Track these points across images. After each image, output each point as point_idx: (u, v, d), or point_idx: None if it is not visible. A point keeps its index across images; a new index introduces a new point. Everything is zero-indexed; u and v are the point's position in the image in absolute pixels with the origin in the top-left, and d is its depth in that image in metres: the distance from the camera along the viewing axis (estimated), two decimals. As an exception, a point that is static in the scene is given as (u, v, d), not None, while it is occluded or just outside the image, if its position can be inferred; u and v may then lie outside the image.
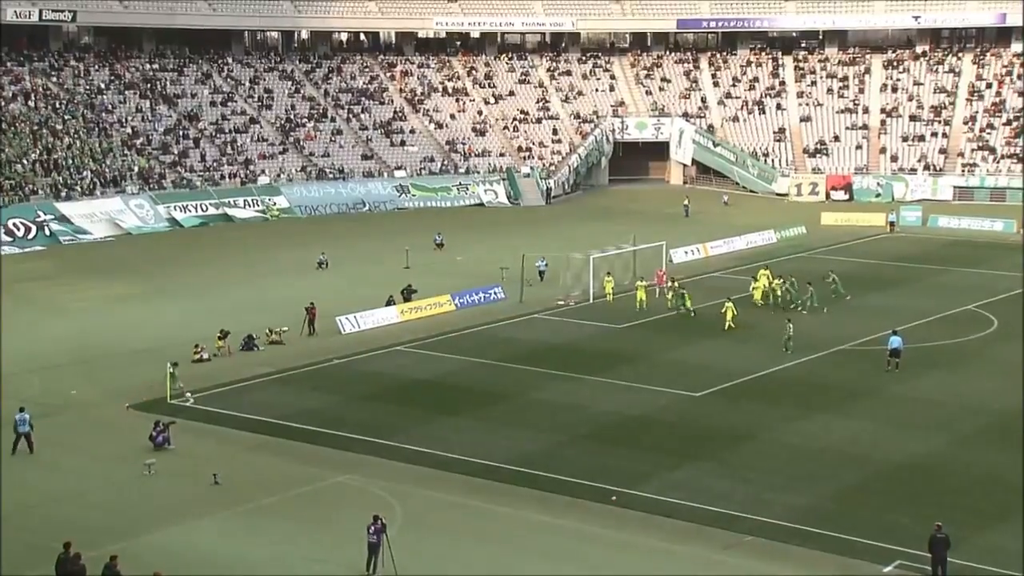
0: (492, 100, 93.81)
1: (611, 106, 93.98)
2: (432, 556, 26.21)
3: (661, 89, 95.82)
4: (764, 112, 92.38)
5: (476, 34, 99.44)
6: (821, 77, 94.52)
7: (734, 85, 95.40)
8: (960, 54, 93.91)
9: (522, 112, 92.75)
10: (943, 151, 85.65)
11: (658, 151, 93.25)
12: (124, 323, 47.63)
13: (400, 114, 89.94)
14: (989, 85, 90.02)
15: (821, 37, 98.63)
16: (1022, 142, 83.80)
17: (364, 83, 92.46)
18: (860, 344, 43.36)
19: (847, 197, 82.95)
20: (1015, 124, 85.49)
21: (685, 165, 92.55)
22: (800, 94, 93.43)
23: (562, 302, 50.57)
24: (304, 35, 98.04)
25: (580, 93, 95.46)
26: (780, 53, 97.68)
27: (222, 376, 39.16)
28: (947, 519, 25.92)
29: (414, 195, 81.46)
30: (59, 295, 52.74)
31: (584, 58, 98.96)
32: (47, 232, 66.63)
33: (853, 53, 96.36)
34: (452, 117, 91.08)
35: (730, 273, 55.94)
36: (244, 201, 75.74)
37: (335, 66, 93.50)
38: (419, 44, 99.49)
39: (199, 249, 64.84)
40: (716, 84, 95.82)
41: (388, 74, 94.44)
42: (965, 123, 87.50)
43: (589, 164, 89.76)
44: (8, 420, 32.91)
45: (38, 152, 73.29)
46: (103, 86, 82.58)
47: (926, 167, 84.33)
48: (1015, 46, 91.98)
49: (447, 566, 25.82)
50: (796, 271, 53.23)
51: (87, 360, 41.78)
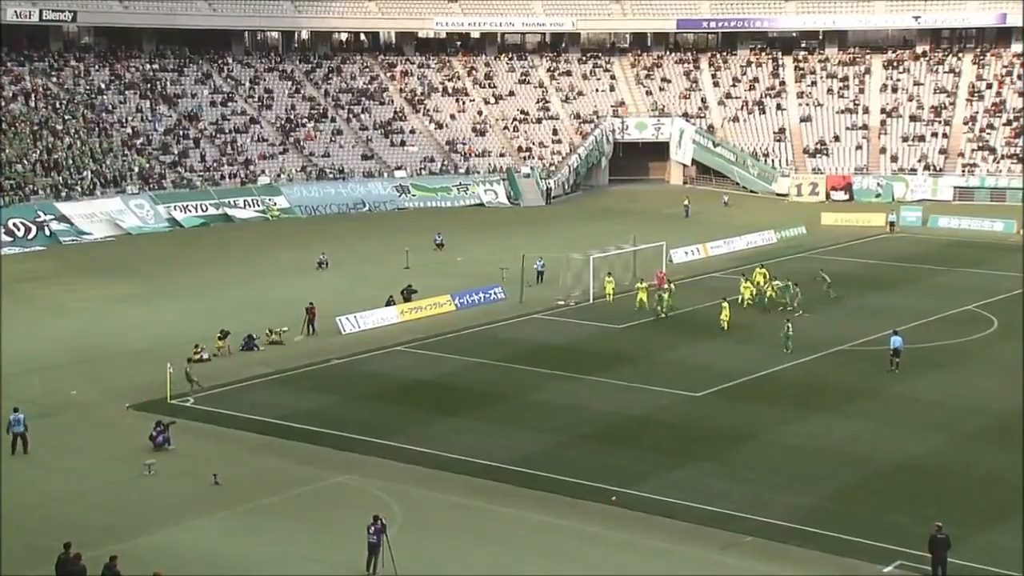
0: (492, 100, 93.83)
1: (611, 106, 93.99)
2: (432, 556, 26.24)
3: (661, 89, 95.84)
4: (764, 112, 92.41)
5: (476, 34, 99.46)
6: (821, 77, 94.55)
7: (734, 85, 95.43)
8: (960, 54, 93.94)
9: (522, 112, 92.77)
10: (943, 151, 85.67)
11: (658, 151, 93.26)
12: (124, 323, 47.66)
13: (400, 114, 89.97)
14: (989, 85, 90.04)
15: (821, 37, 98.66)
16: (1022, 142, 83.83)
17: (364, 83, 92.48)
18: (860, 344, 43.39)
19: (847, 197, 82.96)
20: (1015, 124, 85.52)
21: (685, 165, 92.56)
22: (800, 94, 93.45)
23: (562, 302, 50.60)
24: (304, 35, 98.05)
25: (580, 93, 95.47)
26: (780, 53, 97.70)
27: (222, 376, 39.18)
28: (947, 519, 25.95)
29: (414, 195, 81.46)
30: (59, 295, 52.77)
31: (584, 58, 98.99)
32: (47, 232, 66.66)
33: (853, 53, 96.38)
34: (452, 117, 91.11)
35: (730, 273, 55.95)
36: (244, 201, 75.75)
37: (335, 66, 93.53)
38: (419, 44, 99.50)
39: (199, 249, 64.86)
40: (716, 84, 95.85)
41: (388, 74, 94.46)
42: (965, 123, 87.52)
43: (589, 164, 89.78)
44: (6, 421, 32.92)
45: (38, 152, 73.31)
46: (103, 86, 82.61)
47: (926, 167, 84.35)
48: (1015, 46, 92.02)
49: (447, 566, 25.85)
50: (792, 271, 53.20)
51: (87, 360, 41.80)
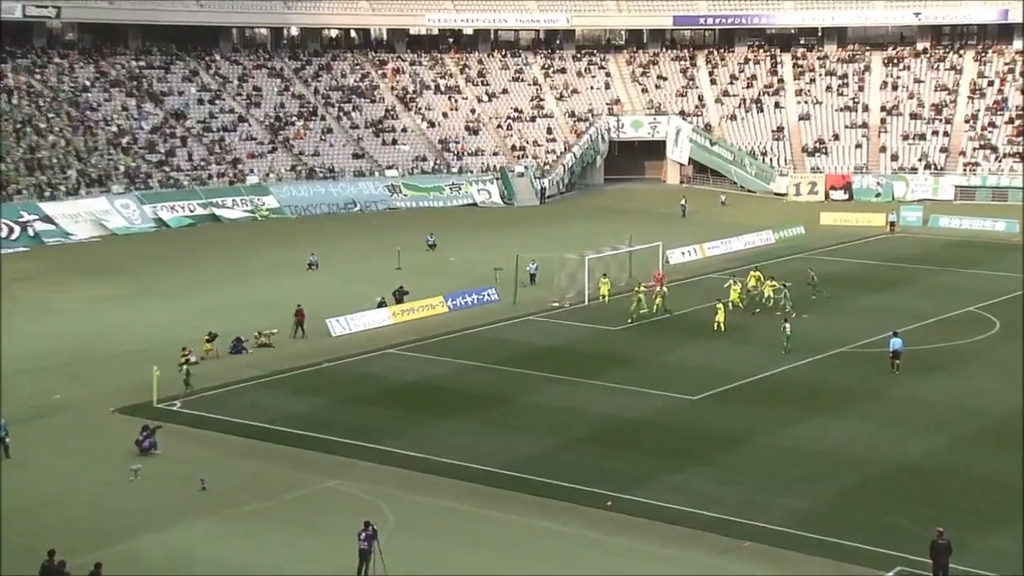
0: (485, 98, 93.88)
1: (606, 104, 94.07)
2: (424, 562, 26.24)
3: (657, 87, 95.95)
4: (762, 110, 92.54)
5: (469, 31, 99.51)
6: (820, 75, 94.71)
7: (731, 83, 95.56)
8: (961, 51, 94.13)
9: (516, 110, 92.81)
10: (944, 150, 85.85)
11: (654, 150, 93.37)
12: (110, 325, 47.59)
13: (392, 112, 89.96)
14: (991, 83, 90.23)
15: (820, 34, 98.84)
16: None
17: (355, 81, 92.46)
18: (859, 346, 43.49)
19: (847, 197, 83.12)
20: (1017, 122, 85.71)
21: (682, 164, 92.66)
22: (799, 92, 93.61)
23: (557, 304, 50.65)
24: (293, 32, 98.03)
25: (575, 91, 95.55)
26: (778, 50, 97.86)
27: (210, 379, 39.15)
28: (947, 522, 26.02)
29: (406, 195, 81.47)
30: (44, 296, 52.66)
31: (579, 55, 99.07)
32: (31, 233, 66.53)
33: (853, 50, 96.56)
34: (444, 115, 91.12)
35: (727, 274, 56.02)
36: (232, 201, 75.68)
37: (325, 63, 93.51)
38: (411, 41, 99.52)
39: (186, 250, 64.79)
40: (713, 82, 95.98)
41: (379, 71, 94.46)
42: (966, 121, 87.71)
43: (584, 163, 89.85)
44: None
45: (21, 151, 73.20)
46: (88, 83, 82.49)
47: (927, 166, 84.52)
48: (1017, 43, 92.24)
49: (440, 573, 25.85)
50: (789, 273, 53.21)
51: (71, 363, 41.74)
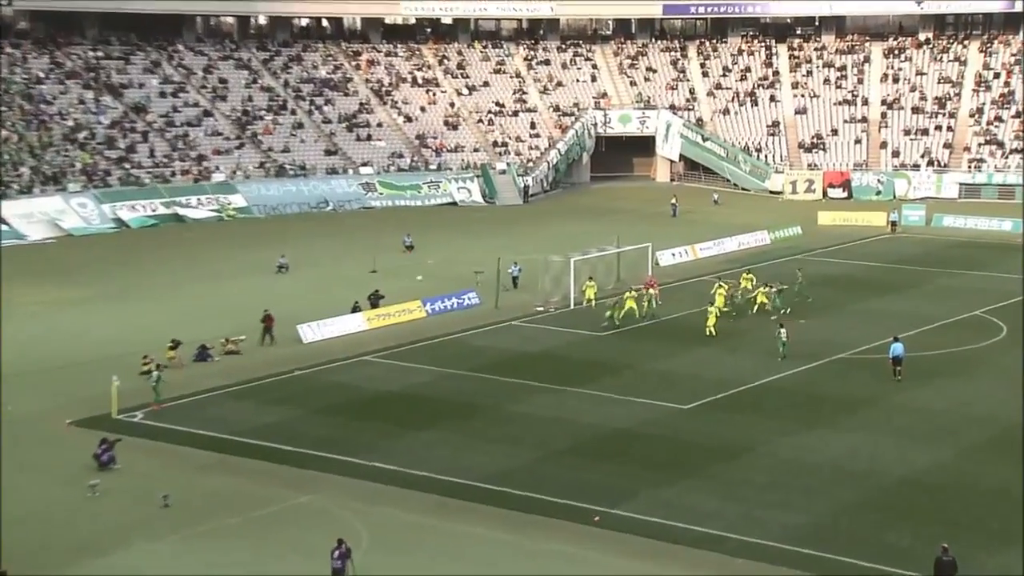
0: (465, 91, 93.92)
1: (593, 98, 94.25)
2: (401, 582, 26.20)
3: (646, 79, 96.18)
4: (757, 104, 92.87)
5: (448, 20, 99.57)
6: (817, 66, 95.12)
7: (724, 75, 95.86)
8: (966, 41, 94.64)
9: (497, 104, 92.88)
10: (948, 145, 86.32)
11: (643, 146, 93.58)
12: (66, 332, 47.38)
13: (366, 106, 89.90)
14: (997, 75, 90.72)
15: (817, 23, 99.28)
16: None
17: (327, 73, 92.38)
18: (860, 352, 43.67)
19: (845, 195, 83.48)
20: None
21: (672, 161, 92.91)
22: (795, 85, 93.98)
23: (541, 308, 50.70)
24: (262, 20, 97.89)
25: (560, 84, 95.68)
26: (774, 41, 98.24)
27: (173, 390, 38.99)
28: (952, 538, 26.13)
29: (381, 193, 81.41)
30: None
31: (564, 46, 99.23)
32: (-18, 234, 66.17)
33: (852, 41, 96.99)
34: (422, 110, 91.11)
35: (715, 277, 56.12)
36: (197, 200, 75.50)
37: (295, 54, 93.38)
38: (386, 31, 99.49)
39: (148, 252, 64.57)
40: (705, 74, 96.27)
41: (353, 63, 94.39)
42: (971, 115, 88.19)
43: (569, 160, 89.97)
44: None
45: (-28, 147, 72.91)
46: (42, 75, 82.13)
47: (930, 163, 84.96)
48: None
49: (417, 592, 25.83)
50: (785, 275, 53.33)
51: (25, 372, 41.46)
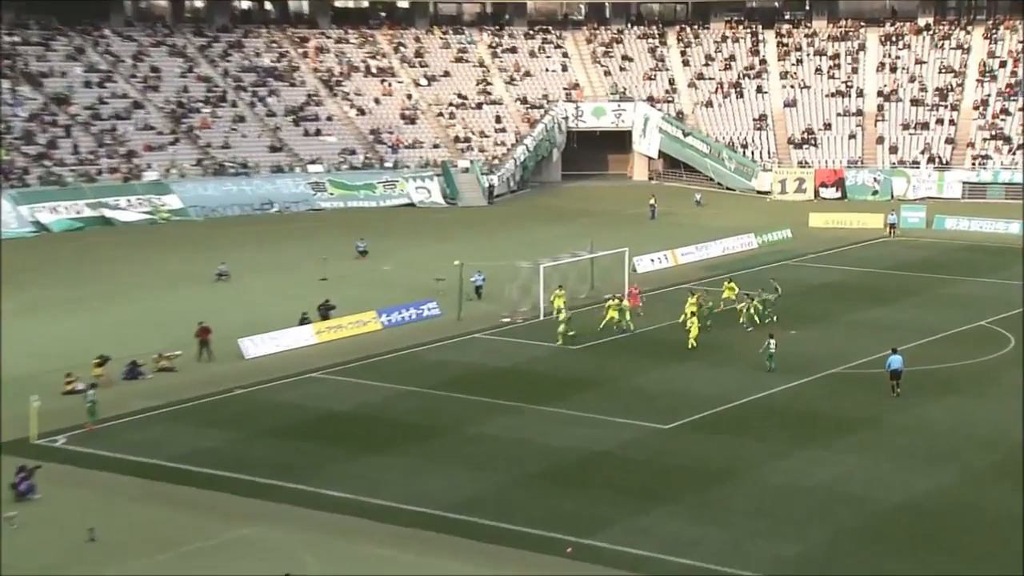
0: (423, 82, 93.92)
1: (563, 89, 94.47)
2: (354, 621, 26.14)
3: (622, 69, 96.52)
4: (742, 96, 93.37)
5: (404, 3, 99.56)
6: (808, 55, 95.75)
7: (707, 64, 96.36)
8: (969, 27, 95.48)
9: (459, 96, 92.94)
10: (950, 141, 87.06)
11: (619, 142, 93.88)
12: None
13: (314, 98, 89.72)
14: (1003, 63, 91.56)
15: (808, 7, 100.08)
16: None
17: (271, 61, 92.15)
18: (855, 366, 43.96)
19: (839, 195, 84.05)
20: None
21: (651, 158, 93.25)
22: (784, 74, 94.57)
23: (508, 319, 50.73)
24: (198, 3, 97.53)
25: (527, 74, 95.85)
26: (760, 26, 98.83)
27: (100, 411, 38.71)
28: (956, 569, 26.30)
29: (332, 194, 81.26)
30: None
31: (532, 32, 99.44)
32: None
33: (845, 26, 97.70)
34: (376, 102, 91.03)
35: (704, 284, 56.40)
36: (127, 201, 75.13)
37: (236, 40, 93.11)
38: (336, 15, 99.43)
39: (72, 258, 64.13)
40: (686, 63, 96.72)
41: (300, 50, 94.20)
42: (975, 108, 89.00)
43: (538, 157, 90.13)
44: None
45: None
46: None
47: (931, 159, 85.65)
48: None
49: (372, 633, 25.76)
50: (766, 283, 53.52)
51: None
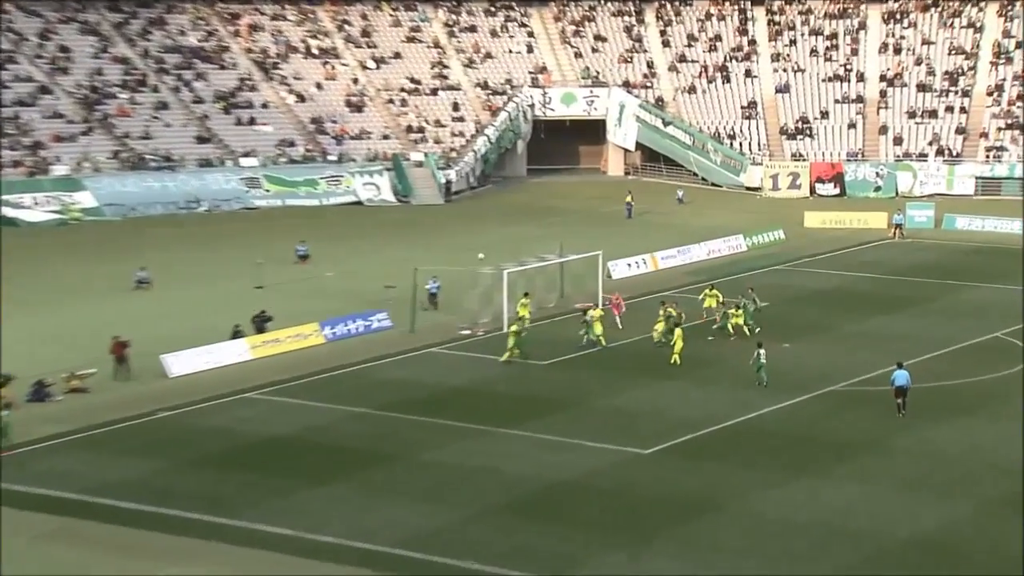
0: (371, 64, 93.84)
1: (529, 73, 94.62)
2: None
3: (595, 50, 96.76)
4: (729, 81, 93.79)
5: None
6: (803, 34, 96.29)
7: (690, 45, 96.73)
8: (982, 3, 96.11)
9: (412, 81, 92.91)
10: (961, 131, 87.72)
11: (591, 132, 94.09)
12: None
13: (248, 82, 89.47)
14: (1020, 44, 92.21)
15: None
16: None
17: (197, 40, 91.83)
18: (856, 383, 44.18)
19: (837, 192, 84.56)
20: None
21: (627, 151, 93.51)
22: (776, 57, 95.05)
23: (467, 332, 50.73)
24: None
25: (488, 56, 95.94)
26: (749, 3, 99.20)
27: (12, 434, 38.43)
28: (970, 610, 26.48)
29: (268, 191, 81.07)
30: None
31: (493, 9, 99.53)
32: None
33: (843, 3, 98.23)
34: (318, 87, 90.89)
35: (687, 291, 56.61)
36: (32, 199, 74.78)
37: (157, 17, 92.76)
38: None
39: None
40: (666, 44, 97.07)
41: (231, 28, 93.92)
42: (989, 94, 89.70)
43: (501, 149, 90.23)
44: None
45: None
46: None
47: (939, 152, 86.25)
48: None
49: None
50: (735, 290, 53.83)
51: None
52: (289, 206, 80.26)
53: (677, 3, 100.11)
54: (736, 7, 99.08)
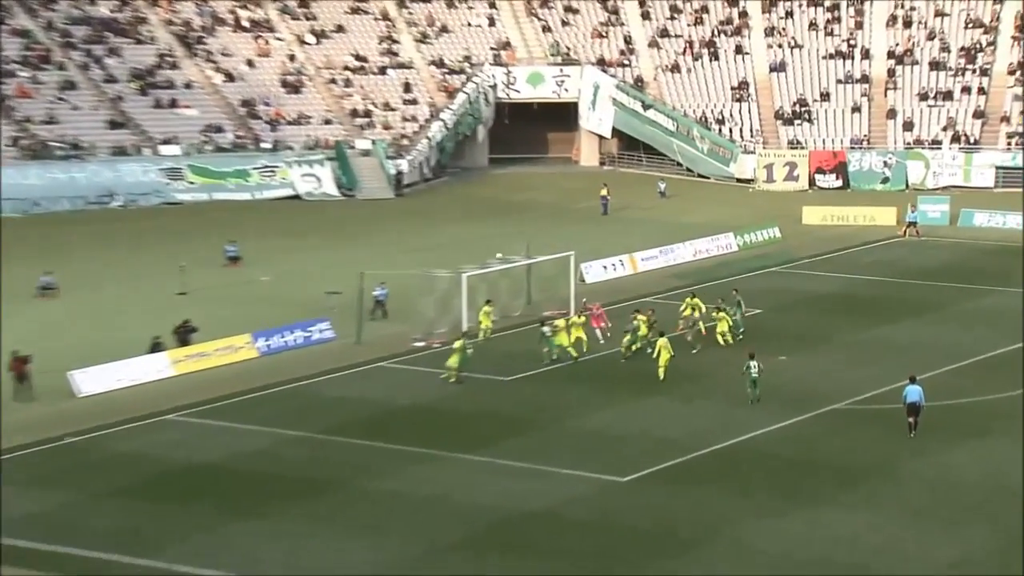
0: (311, 39, 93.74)
1: (491, 49, 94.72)
2: None
3: (565, 24, 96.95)
4: (718, 59, 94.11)
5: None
6: (800, 5, 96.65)
7: (673, 18, 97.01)
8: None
9: (357, 58, 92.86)
10: (979, 115, 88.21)
11: (562, 117, 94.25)
12: None
13: (168, 59, 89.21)
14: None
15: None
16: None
17: (110, 11, 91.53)
18: (862, 401, 44.38)
19: (840, 183, 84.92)
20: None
21: (602, 138, 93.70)
22: (770, 31, 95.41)
23: (421, 343, 50.74)
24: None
25: (444, 29, 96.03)
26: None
27: None
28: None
29: (192, 183, 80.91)
30: None
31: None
32: None
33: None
34: (249, 64, 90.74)
35: (670, 297, 56.76)
36: (-78, 193, 74.53)
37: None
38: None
39: None
40: (646, 16, 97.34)
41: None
42: (1011, 73, 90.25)
43: (459, 136, 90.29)
44: None
45: None
46: None
47: (955, 138, 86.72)
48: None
49: None
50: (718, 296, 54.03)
51: None
52: (216, 200, 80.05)
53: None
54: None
